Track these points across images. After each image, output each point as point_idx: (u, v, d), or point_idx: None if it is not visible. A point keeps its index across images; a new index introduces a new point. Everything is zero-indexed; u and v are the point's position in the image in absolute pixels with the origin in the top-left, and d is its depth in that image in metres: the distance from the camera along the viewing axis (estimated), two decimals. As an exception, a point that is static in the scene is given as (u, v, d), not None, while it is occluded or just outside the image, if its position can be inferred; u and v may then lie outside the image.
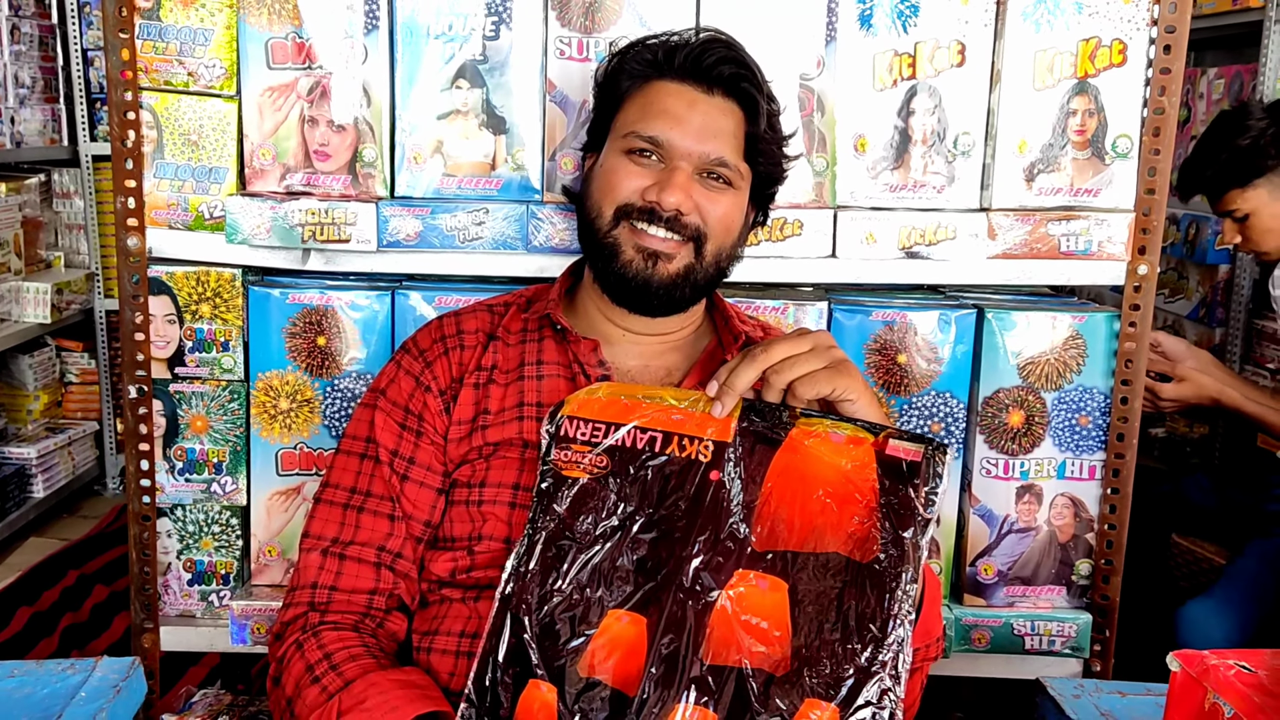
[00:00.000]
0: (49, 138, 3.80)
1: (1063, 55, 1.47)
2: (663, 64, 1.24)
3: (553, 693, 0.98)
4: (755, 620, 0.97)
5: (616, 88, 1.27)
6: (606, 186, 1.23)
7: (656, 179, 1.21)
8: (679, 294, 1.24)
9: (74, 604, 3.04)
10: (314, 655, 1.15)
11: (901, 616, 0.96)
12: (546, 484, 1.08)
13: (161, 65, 1.49)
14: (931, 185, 1.51)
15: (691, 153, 1.21)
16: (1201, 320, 3.29)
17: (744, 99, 1.23)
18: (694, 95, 1.22)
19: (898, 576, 0.97)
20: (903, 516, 0.99)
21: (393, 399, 1.27)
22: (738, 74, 1.23)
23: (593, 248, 1.25)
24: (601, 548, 1.03)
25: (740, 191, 1.25)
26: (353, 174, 1.51)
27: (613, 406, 1.09)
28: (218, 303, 1.55)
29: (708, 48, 1.23)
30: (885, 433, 1.02)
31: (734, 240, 1.27)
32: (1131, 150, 1.49)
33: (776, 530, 1.01)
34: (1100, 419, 1.54)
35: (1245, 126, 2.16)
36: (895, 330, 1.53)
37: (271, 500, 1.58)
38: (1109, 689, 1.11)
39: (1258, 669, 0.87)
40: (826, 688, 0.94)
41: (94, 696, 1.03)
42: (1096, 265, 1.50)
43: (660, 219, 1.20)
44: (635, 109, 1.24)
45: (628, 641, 0.99)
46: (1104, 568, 1.56)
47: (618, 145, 1.24)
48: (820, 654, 0.95)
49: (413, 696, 1.10)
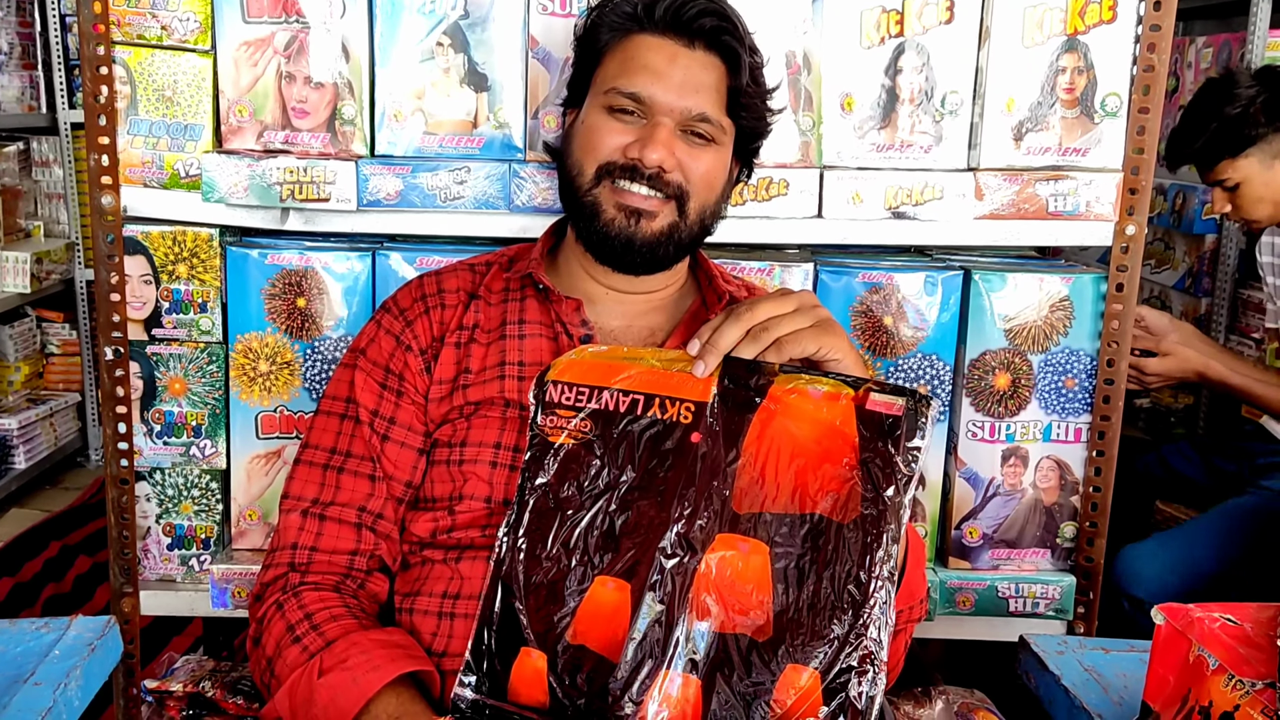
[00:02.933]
0: (27, 105, 3.75)
1: (1053, 12, 1.45)
2: (643, 17, 1.21)
3: (543, 660, 0.98)
4: (737, 585, 0.96)
5: (596, 41, 1.24)
6: (588, 145, 1.21)
7: (638, 136, 1.19)
8: (662, 252, 1.22)
9: (56, 575, 3.03)
10: (295, 615, 1.14)
11: (883, 578, 0.94)
12: (533, 450, 1.07)
13: (134, 18, 1.46)
14: (919, 145, 1.49)
15: (674, 108, 1.19)
16: (1188, 290, 3.29)
17: (726, 52, 1.21)
18: (675, 49, 1.20)
19: (879, 536, 0.95)
20: (884, 474, 0.97)
21: (373, 359, 1.25)
22: (719, 26, 1.20)
23: (574, 206, 1.23)
24: (586, 513, 1.02)
25: (723, 147, 1.23)
26: (332, 132, 1.48)
27: (596, 369, 1.08)
28: (195, 263, 1.52)
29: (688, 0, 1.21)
30: (866, 386, 1.00)
31: (717, 197, 1.25)
32: (1120, 109, 1.48)
33: (756, 491, 0.99)
34: (1086, 381, 1.53)
35: (1234, 95, 2.14)
36: (881, 292, 1.52)
37: (251, 464, 1.56)
38: (1092, 645, 1.11)
39: (1242, 621, 0.86)
40: (808, 653, 0.93)
41: (68, 655, 1.02)
42: (1084, 226, 1.49)
43: (642, 176, 1.18)
44: (615, 64, 1.22)
45: (612, 607, 0.98)
46: (1088, 530, 1.56)
47: (598, 101, 1.22)
48: (801, 618, 0.94)
49: (395, 655, 1.09)
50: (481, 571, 1.16)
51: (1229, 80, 2.19)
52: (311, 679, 1.08)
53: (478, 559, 1.16)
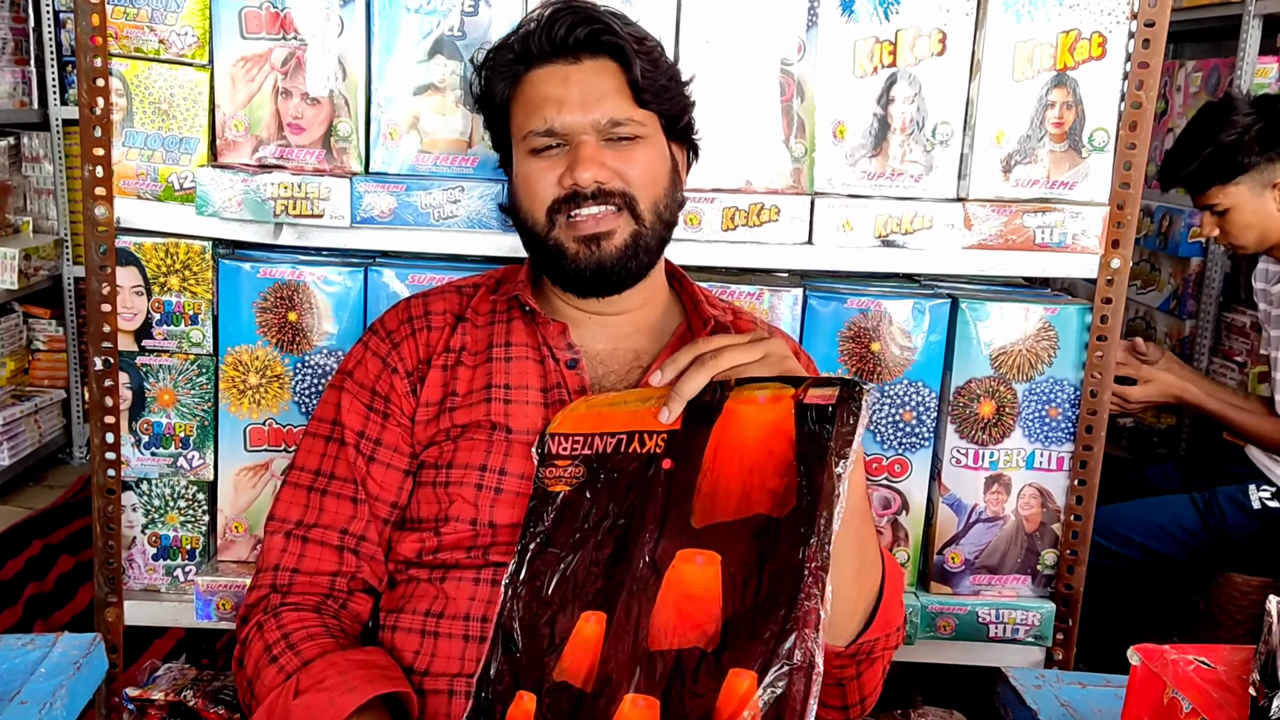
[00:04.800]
0: (19, 100, 3.73)
1: (1043, 47, 1.47)
2: (524, 54, 1.23)
3: (532, 701, 0.99)
4: (693, 598, 0.96)
5: (494, 97, 1.26)
6: (529, 193, 1.23)
7: (566, 163, 1.20)
8: (634, 264, 1.23)
9: (39, 574, 3.01)
10: (272, 635, 1.15)
11: (814, 568, 0.92)
12: (534, 502, 1.09)
13: (132, 31, 1.46)
14: (909, 174, 1.51)
15: (585, 125, 1.20)
16: (1172, 312, 3.32)
17: (612, 51, 1.22)
18: (565, 70, 1.21)
19: (811, 523, 0.94)
20: (819, 463, 0.96)
21: (359, 380, 1.26)
22: (593, 31, 1.21)
23: (540, 254, 1.25)
24: (575, 555, 1.04)
25: (651, 139, 1.24)
26: (327, 148, 1.49)
27: (590, 419, 1.11)
28: (187, 275, 1.53)
29: (555, 20, 1.21)
30: (805, 384, 1.01)
31: (665, 188, 1.25)
32: (1108, 144, 1.49)
33: (714, 503, 1.00)
34: (1070, 411, 1.55)
35: (1230, 121, 2.16)
36: (869, 318, 1.53)
37: (239, 476, 1.56)
38: (1070, 680, 1.12)
39: (1217, 665, 0.88)
40: (747, 654, 0.91)
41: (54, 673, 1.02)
42: (1070, 258, 1.51)
43: (586, 197, 1.19)
44: (520, 110, 1.24)
45: (591, 640, 0.99)
46: (1069, 558, 1.57)
47: (521, 150, 1.24)
48: (744, 621, 0.93)
49: (372, 676, 1.09)
50: (467, 592, 1.17)
51: (1227, 106, 2.20)
52: (288, 700, 1.08)
53: (463, 579, 1.17)
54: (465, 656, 1.14)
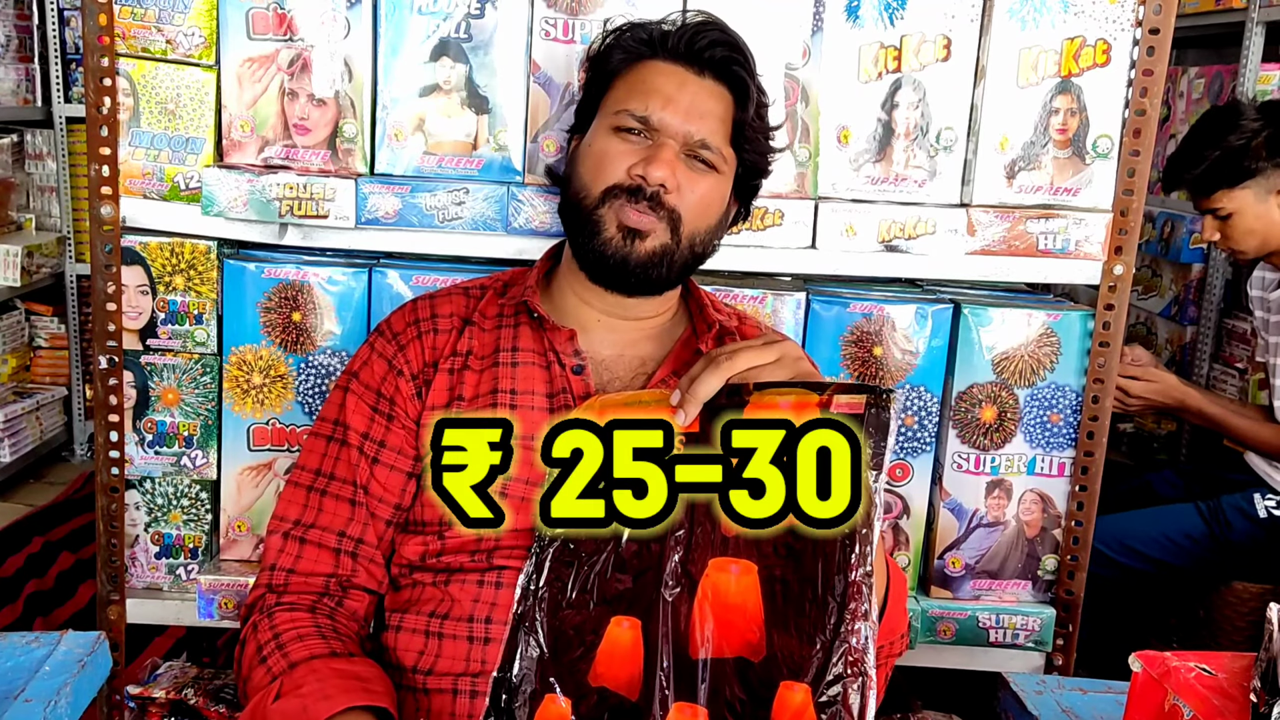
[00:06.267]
0: (22, 98, 3.73)
1: (1047, 54, 1.48)
2: (656, 44, 1.23)
3: (568, 704, 0.99)
4: (731, 607, 0.97)
5: (607, 65, 1.26)
6: (595, 166, 1.22)
7: (643, 155, 1.20)
8: (655, 274, 1.23)
9: (39, 571, 3.02)
10: (264, 636, 1.15)
11: (860, 578, 0.94)
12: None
13: (139, 31, 1.46)
14: (913, 179, 1.51)
15: (678, 132, 1.20)
16: (1174, 318, 3.32)
17: (734, 82, 1.23)
18: (685, 76, 1.22)
19: (852, 535, 0.95)
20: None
21: (365, 382, 1.26)
22: (730, 57, 1.23)
23: (575, 223, 1.24)
24: (599, 556, 1.04)
25: (723, 177, 1.25)
26: (332, 149, 1.49)
27: (604, 419, 1.10)
28: (192, 275, 1.53)
29: (702, 30, 1.23)
30: (830, 390, 1.00)
31: (711, 225, 1.26)
32: (1112, 150, 1.50)
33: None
34: (1071, 417, 1.55)
35: (1238, 126, 2.15)
36: (872, 323, 1.54)
37: (242, 475, 1.57)
38: (1070, 685, 1.12)
39: (1218, 672, 0.88)
40: (798, 666, 0.92)
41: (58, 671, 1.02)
42: (1073, 264, 1.51)
43: (644, 196, 1.20)
44: (625, 87, 1.24)
45: (626, 646, 0.99)
46: (1069, 564, 1.58)
47: (606, 123, 1.23)
48: (790, 632, 0.94)
49: (349, 688, 1.08)
50: (471, 595, 1.17)
51: (1234, 111, 2.20)
52: (267, 703, 1.09)
53: (466, 583, 1.18)
54: (470, 657, 1.15)
